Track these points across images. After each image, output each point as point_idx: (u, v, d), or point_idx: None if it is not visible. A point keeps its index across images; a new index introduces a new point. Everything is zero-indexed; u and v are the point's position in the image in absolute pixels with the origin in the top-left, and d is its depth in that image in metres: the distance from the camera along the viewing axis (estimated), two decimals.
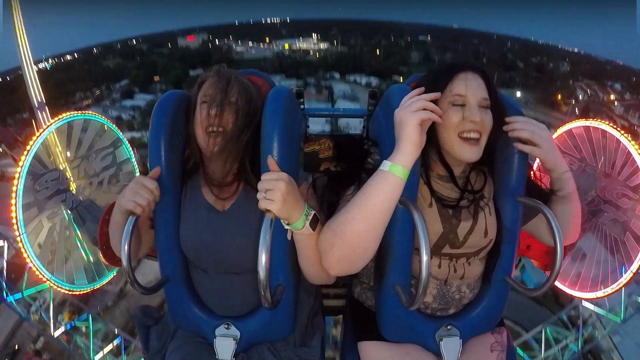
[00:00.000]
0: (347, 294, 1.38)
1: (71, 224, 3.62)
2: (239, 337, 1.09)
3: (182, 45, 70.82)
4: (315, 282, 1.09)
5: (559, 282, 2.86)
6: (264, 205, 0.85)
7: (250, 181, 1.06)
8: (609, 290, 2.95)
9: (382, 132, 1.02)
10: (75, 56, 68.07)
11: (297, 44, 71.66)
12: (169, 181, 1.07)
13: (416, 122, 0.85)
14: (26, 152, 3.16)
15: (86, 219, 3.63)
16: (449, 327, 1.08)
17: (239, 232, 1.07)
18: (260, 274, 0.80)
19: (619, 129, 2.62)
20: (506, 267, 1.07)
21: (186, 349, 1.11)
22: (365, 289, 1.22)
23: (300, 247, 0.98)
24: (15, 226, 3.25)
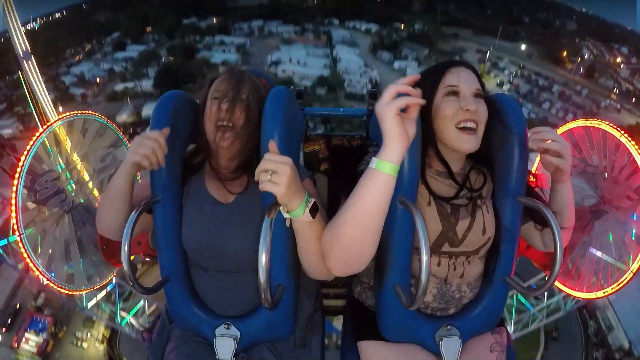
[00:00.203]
0: (347, 293, 1.38)
1: (71, 224, 3.62)
2: (239, 337, 1.09)
3: None
4: (315, 277, 1.06)
5: (558, 282, 2.86)
6: (268, 187, 0.83)
7: (254, 176, 1.06)
8: (609, 290, 2.95)
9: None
10: (64, 13, 63.51)
11: None
12: (169, 181, 1.07)
13: (393, 112, 0.79)
14: (26, 153, 3.17)
15: (85, 219, 3.63)
16: (448, 327, 1.08)
17: (241, 225, 1.07)
18: (260, 274, 0.79)
19: (619, 129, 2.62)
20: (506, 267, 1.07)
21: (186, 348, 1.11)
22: (365, 288, 1.22)
23: (299, 237, 0.97)
24: (15, 226, 3.26)
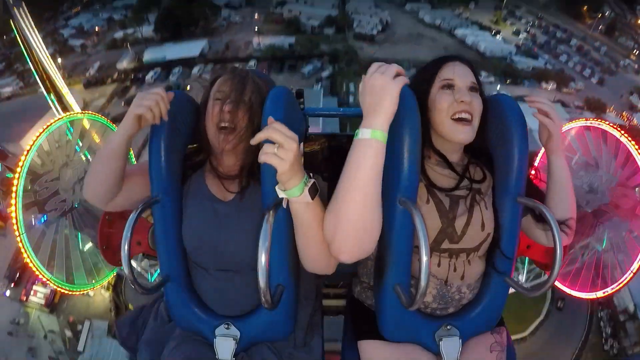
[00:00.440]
0: (347, 293, 1.38)
1: (71, 224, 3.62)
2: (239, 337, 1.09)
3: None
4: (315, 270, 1.04)
5: (558, 282, 2.86)
6: (271, 160, 0.82)
7: (255, 175, 1.07)
8: (609, 290, 2.94)
9: None
10: None
11: None
12: (169, 181, 1.07)
13: (399, 89, 0.85)
14: (26, 153, 3.16)
15: (86, 219, 3.63)
16: (448, 327, 1.08)
17: (241, 223, 1.07)
18: (259, 275, 0.79)
19: (619, 129, 2.62)
20: (506, 267, 1.07)
21: (186, 348, 1.11)
22: (365, 288, 1.22)
23: (298, 222, 0.94)
24: (15, 226, 3.25)
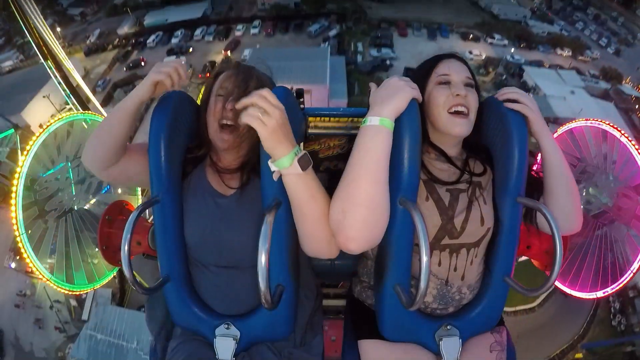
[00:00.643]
0: (347, 293, 1.38)
1: (71, 224, 3.62)
2: (239, 337, 1.09)
3: None
4: (316, 253, 1.01)
5: (558, 282, 2.86)
6: (253, 122, 0.82)
7: (255, 170, 1.06)
8: (609, 290, 2.94)
9: None
10: None
11: None
12: (169, 181, 1.06)
13: (412, 95, 0.94)
14: (26, 153, 3.16)
15: (85, 219, 3.64)
16: (448, 327, 1.08)
17: (241, 219, 1.07)
18: (259, 275, 0.79)
19: (619, 129, 2.62)
20: (506, 267, 1.07)
21: (186, 348, 1.11)
22: (365, 288, 1.22)
23: (292, 197, 0.93)
24: (15, 226, 3.25)
